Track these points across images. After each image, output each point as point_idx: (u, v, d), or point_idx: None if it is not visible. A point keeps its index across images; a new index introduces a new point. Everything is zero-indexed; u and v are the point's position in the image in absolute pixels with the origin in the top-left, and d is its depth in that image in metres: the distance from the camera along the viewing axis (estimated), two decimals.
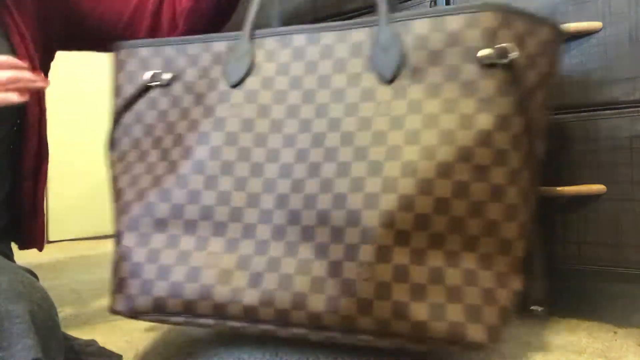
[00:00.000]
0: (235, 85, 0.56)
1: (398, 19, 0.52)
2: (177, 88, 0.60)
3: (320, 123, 0.53)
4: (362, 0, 0.83)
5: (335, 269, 0.49)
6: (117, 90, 0.62)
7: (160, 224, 0.56)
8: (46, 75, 0.75)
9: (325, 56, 0.54)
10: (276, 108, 0.54)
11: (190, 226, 0.55)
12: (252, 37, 0.57)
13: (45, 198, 0.71)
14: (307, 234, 0.51)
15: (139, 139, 0.61)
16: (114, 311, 0.56)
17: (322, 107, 0.53)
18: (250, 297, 0.51)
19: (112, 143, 0.62)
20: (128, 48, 0.62)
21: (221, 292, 0.52)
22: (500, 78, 0.49)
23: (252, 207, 0.54)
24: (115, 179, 0.60)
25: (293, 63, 0.55)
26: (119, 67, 0.62)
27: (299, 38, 0.55)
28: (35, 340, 0.40)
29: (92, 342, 0.57)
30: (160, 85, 0.60)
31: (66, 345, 0.53)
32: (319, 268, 0.50)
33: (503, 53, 0.48)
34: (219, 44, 0.58)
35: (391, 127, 0.50)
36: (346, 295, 0.48)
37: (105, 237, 2.02)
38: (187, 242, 0.55)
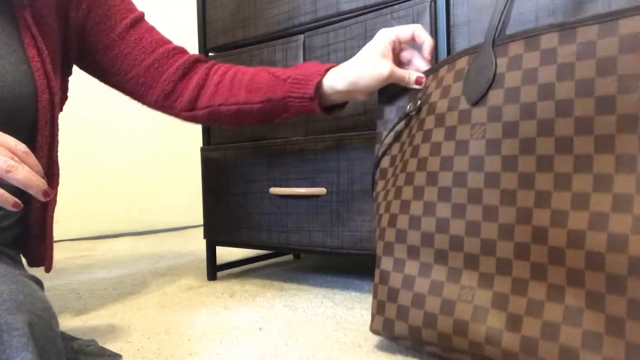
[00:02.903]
0: (476, 103, 0.50)
1: None
2: (423, 111, 0.57)
3: (583, 142, 0.42)
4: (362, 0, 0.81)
5: (615, 326, 0.39)
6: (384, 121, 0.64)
7: (413, 251, 0.56)
8: (65, 91, 0.72)
9: (584, 56, 0.42)
10: (524, 125, 0.46)
11: (441, 256, 0.53)
12: (494, 44, 0.49)
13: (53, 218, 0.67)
14: (573, 278, 0.42)
15: (395, 159, 0.61)
16: (374, 331, 0.59)
17: (583, 120, 0.42)
18: (510, 341, 0.46)
19: (379, 171, 0.65)
20: None
21: (476, 331, 0.49)
22: None
23: (505, 240, 0.47)
24: (377, 206, 0.63)
25: (541, 68, 0.45)
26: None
27: (549, 37, 0.44)
28: (34, 353, 0.39)
29: (92, 342, 0.57)
30: (414, 111, 0.59)
31: (66, 345, 0.54)
32: (593, 320, 0.41)
33: None
34: (461, 60, 0.52)
35: None
36: None
37: (105, 237, 2.02)
38: (439, 272, 0.53)
